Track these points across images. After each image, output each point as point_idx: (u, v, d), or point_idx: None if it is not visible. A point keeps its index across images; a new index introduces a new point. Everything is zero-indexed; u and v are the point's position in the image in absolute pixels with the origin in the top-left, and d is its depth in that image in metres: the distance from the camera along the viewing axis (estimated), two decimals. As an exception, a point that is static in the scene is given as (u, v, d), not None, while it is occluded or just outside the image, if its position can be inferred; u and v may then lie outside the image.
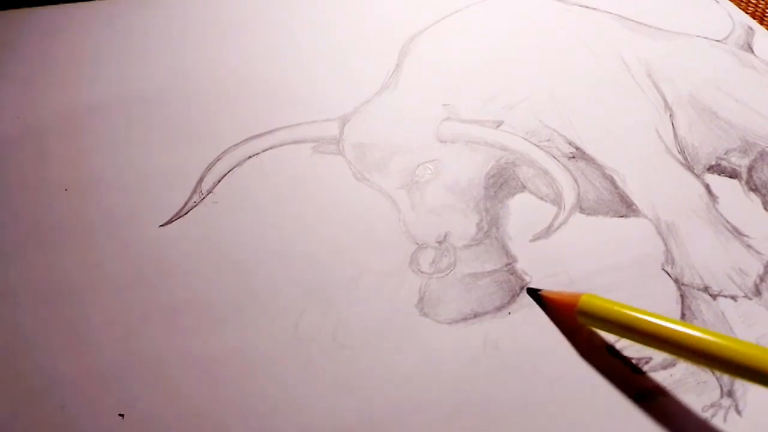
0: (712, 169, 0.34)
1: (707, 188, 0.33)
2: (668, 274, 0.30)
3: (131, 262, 0.29)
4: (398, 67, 0.39)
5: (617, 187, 0.33)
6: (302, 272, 0.29)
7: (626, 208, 0.32)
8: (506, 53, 0.41)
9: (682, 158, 0.35)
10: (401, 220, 0.31)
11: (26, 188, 0.32)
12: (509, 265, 0.30)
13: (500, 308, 0.28)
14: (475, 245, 0.30)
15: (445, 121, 0.36)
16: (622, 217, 0.32)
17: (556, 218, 0.32)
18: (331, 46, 0.41)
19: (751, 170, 0.34)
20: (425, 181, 0.33)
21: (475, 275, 0.29)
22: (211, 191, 0.32)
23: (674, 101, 0.38)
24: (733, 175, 0.34)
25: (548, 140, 0.35)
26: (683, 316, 0.28)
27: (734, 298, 0.29)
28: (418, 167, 0.33)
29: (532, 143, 0.35)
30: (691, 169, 0.34)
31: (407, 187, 0.33)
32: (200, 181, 0.33)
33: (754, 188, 0.33)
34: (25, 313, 0.27)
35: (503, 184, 0.33)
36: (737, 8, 0.45)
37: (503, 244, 0.31)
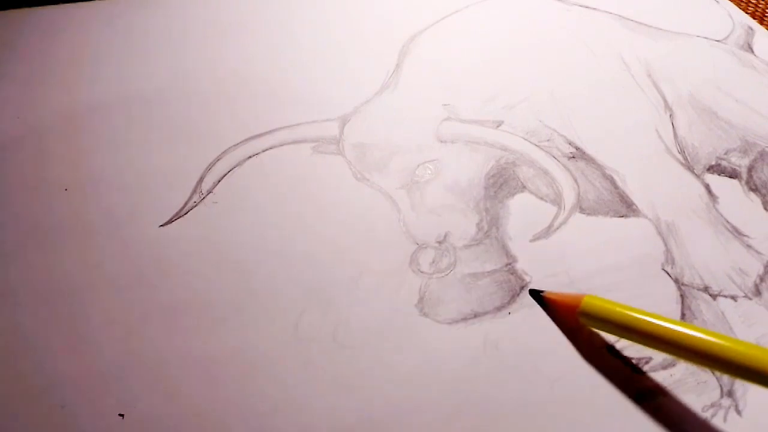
0: (712, 169, 0.34)
1: (707, 188, 0.33)
2: (668, 274, 0.30)
3: (131, 262, 0.29)
4: (398, 67, 0.39)
5: (617, 187, 0.33)
6: (302, 272, 0.29)
7: (626, 208, 0.32)
8: (506, 53, 0.41)
9: (682, 158, 0.35)
10: (401, 220, 0.31)
11: (26, 188, 0.32)
12: (509, 265, 0.30)
13: (500, 308, 0.28)
14: (475, 245, 0.30)
15: (445, 121, 0.36)
16: (622, 217, 0.32)
17: (556, 218, 0.32)
18: (331, 46, 0.41)
19: (751, 170, 0.34)
20: (425, 181, 0.33)
21: (475, 275, 0.29)
22: (211, 191, 0.32)
23: (674, 101, 0.38)
24: (733, 175, 0.34)
25: (548, 140, 0.35)
26: (683, 316, 0.28)
27: (734, 298, 0.29)
28: (418, 167, 0.33)
29: (532, 143, 0.35)
30: (691, 169, 0.34)
31: (407, 187, 0.33)
32: (200, 181, 0.33)
33: (754, 188, 0.33)
34: (25, 313, 0.27)
35: (503, 184, 0.33)
36: (737, 8, 0.45)
37: (503, 244, 0.31)
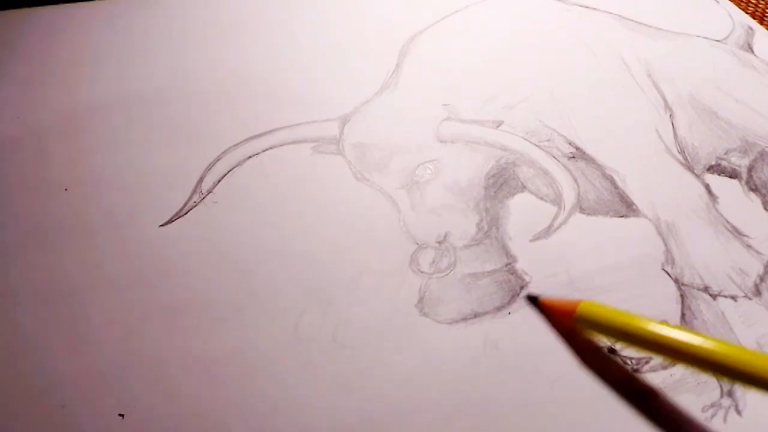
0: (712, 169, 0.34)
1: (707, 188, 0.33)
2: (668, 274, 0.30)
3: (131, 262, 0.29)
4: (398, 67, 0.39)
5: (617, 187, 0.33)
6: (302, 272, 0.29)
7: (626, 208, 0.32)
8: (506, 53, 0.41)
9: (682, 158, 0.35)
10: (401, 220, 0.31)
11: (26, 188, 0.32)
12: (509, 265, 0.30)
13: (500, 308, 0.28)
14: (475, 245, 0.30)
15: (445, 121, 0.36)
16: (622, 217, 0.32)
17: (556, 218, 0.32)
18: (331, 46, 0.41)
19: (751, 170, 0.34)
20: (425, 181, 0.33)
21: (475, 275, 0.29)
22: (211, 191, 0.32)
23: (674, 101, 0.38)
24: (733, 175, 0.34)
25: (548, 140, 0.35)
26: (683, 316, 0.28)
27: (734, 298, 0.29)
28: (418, 167, 0.33)
29: (532, 143, 0.35)
30: (691, 169, 0.34)
31: (407, 187, 0.33)
32: (200, 181, 0.33)
33: (754, 188, 0.33)
34: (25, 313, 0.27)
35: (503, 184, 0.33)
36: (737, 8, 0.45)
37: (503, 244, 0.31)
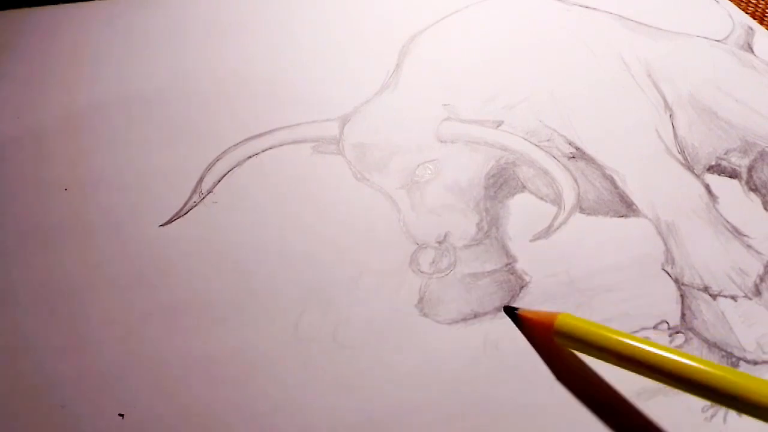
0: (712, 169, 0.34)
1: (707, 188, 0.33)
2: (668, 274, 0.30)
3: (131, 262, 0.29)
4: (398, 67, 0.39)
5: (617, 187, 0.33)
6: (302, 272, 0.29)
7: (626, 208, 0.32)
8: (506, 53, 0.41)
9: (682, 158, 0.35)
10: (401, 220, 0.31)
11: (26, 188, 0.32)
12: (509, 265, 0.30)
13: (500, 308, 0.28)
14: (475, 245, 0.30)
15: (445, 121, 0.36)
16: (622, 217, 0.32)
17: (556, 218, 0.32)
18: (331, 46, 0.41)
19: (751, 170, 0.34)
20: (425, 181, 0.33)
21: (475, 275, 0.29)
22: (211, 191, 0.32)
23: (674, 101, 0.38)
24: (733, 175, 0.34)
25: (548, 140, 0.35)
26: (683, 316, 0.28)
27: (734, 298, 0.29)
28: (418, 167, 0.33)
29: (532, 143, 0.35)
30: (691, 169, 0.34)
31: (407, 187, 0.33)
32: (200, 181, 0.33)
33: (754, 188, 0.33)
34: (25, 313, 0.27)
35: (503, 184, 0.33)
36: (737, 8, 0.45)
37: (503, 244, 0.31)
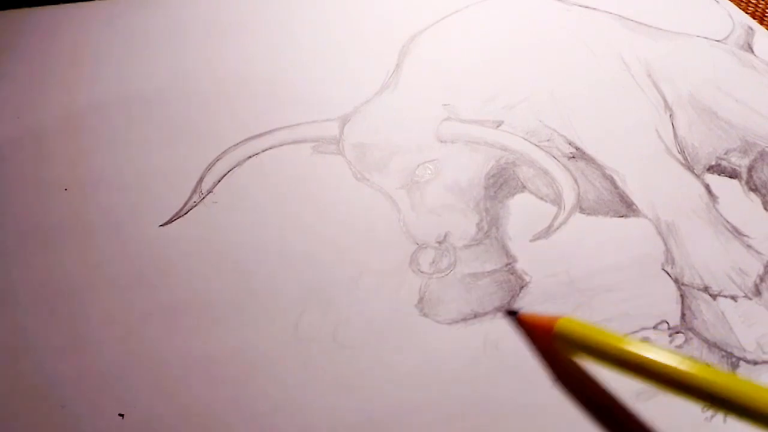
0: (712, 169, 0.34)
1: (707, 188, 0.33)
2: (668, 274, 0.30)
3: (131, 262, 0.29)
4: (398, 67, 0.39)
5: (617, 187, 0.33)
6: (302, 272, 0.29)
7: (626, 208, 0.32)
8: (506, 53, 0.41)
9: (682, 158, 0.35)
10: (401, 220, 0.31)
11: (26, 188, 0.32)
12: (509, 265, 0.30)
13: (500, 308, 0.28)
14: (475, 245, 0.30)
15: (445, 121, 0.36)
16: (622, 217, 0.32)
17: (556, 218, 0.32)
18: (331, 46, 0.41)
19: (751, 170, 0.34)
20: (425, 181, 0.33)
21: (475, 275, 0.29)
22: (211, 191, 0.32)
23: (674, 101, 0.38)
24: (733, 175, 0.34)
25: (548, 140, 0.35)
26: (683, 316, 0.28)
27: (734, 298, 0.29)
28: (418, 167, 0.33)
29: (532, 143, 0.35)
30: (691, 169, 0.34)
31: (407, 187, 0.33)
32: (200, 181, 0.33)
33: (754, 188, 0.33)
34: (25, 313, 0.27)
35: (503, 184, 0.33)
36: (737, 8, 0.45)
37: (503, 244, 0.31)
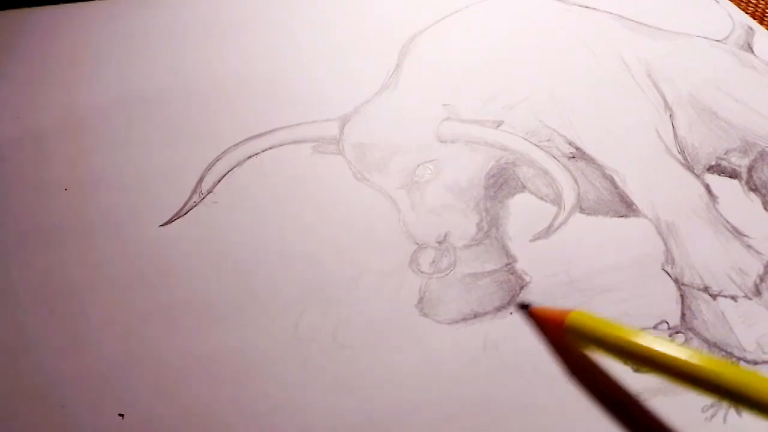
0: (712, 169, 0.34)
1: (707, 188, 0.33)
2: (668, 274, 0.30)
3: (131, 262, 0.29)
4: (398, 67, 0.39)
5: (617, 187, 0.33)
6: (302, 272, 0.29)
7: (626, 208, 0.32)
8: (506, 53, 0.41)
9: (682, 158, 0.35)
10: (401, 220, 0.31)
11: (26, 188, 0.32)
12: (509, 265, 0.30)
13: (500, 308, 0.28)
14: (475, 245, 0.30)
15: (445, 121, 0.36)
16: (622, 217, 0.32)
17: (556, 218, 0.32)
18: (331, 46, 0.41)
19: (751, 170, 0.34)
20: (425, 181, 0.33)
21: (475, 275, 0.29)
22: (211, 191, 0.32)
23: (674, 101, 0.38)
24: (733, 175, 0.34)
25: (548, 140, 0.35)
26: (683, 316, 0.28)
27: (734, 298, 0.29)
28: (418, 167, 0.33)
29: (532, 143, 0.35)
30: (691, 169, 0.34)
31: (407, 187, 0.33)
32: (200, 181, 0.33)
33: (754, 188, 0.33)
34: (25, 313, 0.27)
35: (503, 184, 0.33)
36: (737, 8, 0.45)
37: (503, 244, 0.31)
